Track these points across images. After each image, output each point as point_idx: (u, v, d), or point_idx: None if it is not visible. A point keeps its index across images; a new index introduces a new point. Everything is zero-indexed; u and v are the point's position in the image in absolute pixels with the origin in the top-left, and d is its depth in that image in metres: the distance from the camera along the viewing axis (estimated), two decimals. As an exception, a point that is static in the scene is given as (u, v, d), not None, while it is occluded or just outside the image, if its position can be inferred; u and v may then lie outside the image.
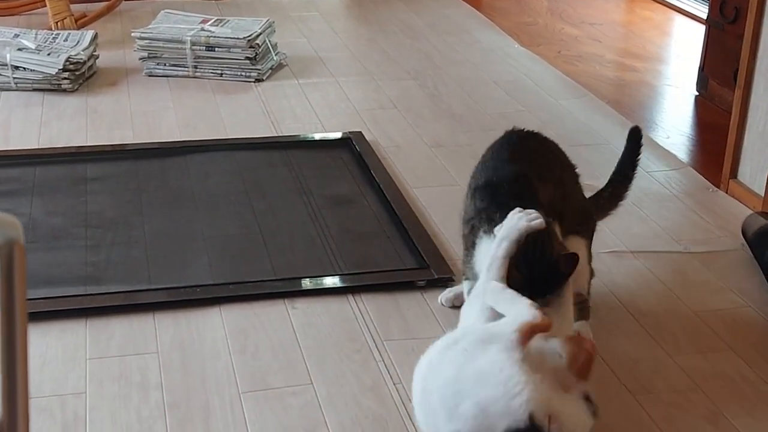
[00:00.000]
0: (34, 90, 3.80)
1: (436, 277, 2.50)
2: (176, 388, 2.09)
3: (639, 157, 2.54)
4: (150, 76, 4.03)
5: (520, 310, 1.75)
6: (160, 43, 4.02)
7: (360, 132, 3.44)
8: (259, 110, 3.69)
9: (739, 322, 2.39)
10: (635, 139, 2.55)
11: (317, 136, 3.45)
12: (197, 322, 2.33)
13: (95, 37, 4.08)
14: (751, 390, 2.14)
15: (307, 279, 2.52)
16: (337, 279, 2.53)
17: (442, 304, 2.39)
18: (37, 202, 2.93)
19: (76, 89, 3.84)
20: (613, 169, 3.26)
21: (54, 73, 3.76)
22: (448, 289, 2.42)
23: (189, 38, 3.98)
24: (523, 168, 2.16)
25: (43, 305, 2.34)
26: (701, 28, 4.29)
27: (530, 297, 1.80)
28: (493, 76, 4.14)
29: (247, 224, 2.80)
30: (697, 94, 4.05)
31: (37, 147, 3.33)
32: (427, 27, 4.81)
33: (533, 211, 1.92)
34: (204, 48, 3.99)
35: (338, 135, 3.44)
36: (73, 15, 4.52)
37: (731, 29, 3.77)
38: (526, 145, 2.32)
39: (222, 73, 4.01)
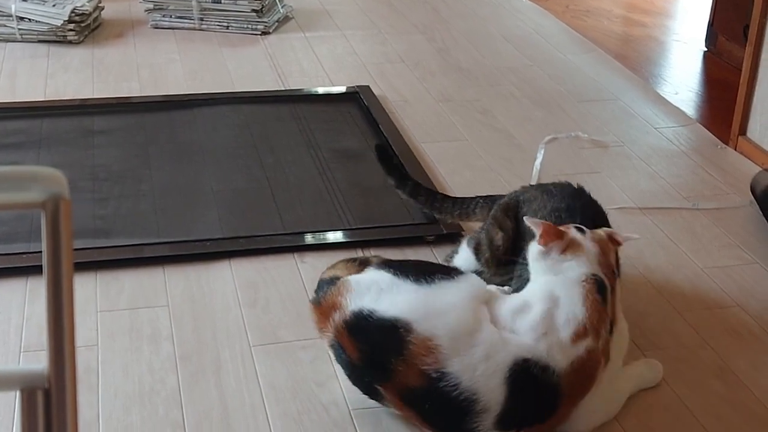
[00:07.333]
0: (40, 41, 3.78)
1: (444, 232, 2.50)
2: (187, 341, 2.10)
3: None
4: (156, 28, 4.01)
5: None
6: (166, -5, 4.00)
7: (368, 86, 3.43)
8: (265, 63, 3.67)
9: (747, 278, 2.39)
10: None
11: (325, 90, 3.44)
12: (207, 276, 2.33)
13: (100, -12, 4.05)
14: (759, 345, 2.15)
15: (316, 233, 2.53)
16: (346, 233, 2.53)
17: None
18: (44, 154, 2.92)
19: (82, 41, 3.81)
20: (621, 125, 3.26)
21: (59, 24, 3.74)
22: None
23: (195, -10, 3.95)
24: None
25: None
26: (711, -17, 4.25)
27: None
28: (502, 30, 4.12)
29: (255, 178, 2.80)
30: (705, 49, 4.02)
31: (43, 99, 3.32)
32: (434, -20, 4.77)
33: None
34: (210, 0, 3.96)
35: (346, 89, 3.43)
36: (77, -34, 4.47)
37: (742, -16, 3.73)
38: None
39: (228, 26, 3.98)
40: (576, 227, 1.90)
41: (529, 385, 1.70)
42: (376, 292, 1.77)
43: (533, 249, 1.87)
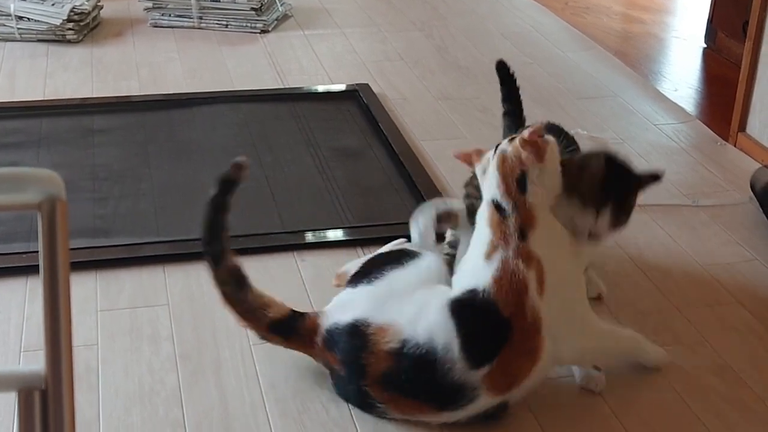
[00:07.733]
0: (39, 41, 3.78)
1: (444, 230, 2.50)
2: (187, 340, 2.10)
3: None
4: (155, 26, 4.01)
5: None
6: (165, -7, 4.00)
7: (367, 84, 3.43)
8: (265, 62, 3.67)
9: (746, 275, 2.39)
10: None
11: (324, 89, 3.44)
12: (207, 275, 2.33)
13: (99, -13, 4.05)
14: (758, 343, 2.15)
15: (316, 232, 2.53)
16: (346, 232, 2.53)
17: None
18: (44, 154, 2.93)
19: (81, 40, 3.82)
20: (620, 122, 3.26)
21: (59, 23, 3.74)
22: None
23: (194, -12, 3.95)
24: None
25: (52, 257, 2.35)
26: (710, -20, 4.25)
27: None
28: (500, 27, 4.12)
29: (254, 177, 2.79)
30: (705, 46, 4.02)
31: (42, 98, 3.32)
32: (433, -23, 4.77)
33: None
34: (209, -2, 3.97)
35: (345, 87, 3.43)
36: (76, -35, 4.47)
37: (741, -20, 3.73)
38: None
39: (227, 24, 3.98)
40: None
41: (469, 313, 1.80)
42: (341, 307, 1.92)
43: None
